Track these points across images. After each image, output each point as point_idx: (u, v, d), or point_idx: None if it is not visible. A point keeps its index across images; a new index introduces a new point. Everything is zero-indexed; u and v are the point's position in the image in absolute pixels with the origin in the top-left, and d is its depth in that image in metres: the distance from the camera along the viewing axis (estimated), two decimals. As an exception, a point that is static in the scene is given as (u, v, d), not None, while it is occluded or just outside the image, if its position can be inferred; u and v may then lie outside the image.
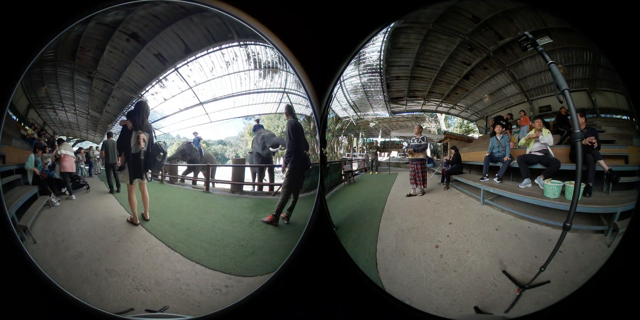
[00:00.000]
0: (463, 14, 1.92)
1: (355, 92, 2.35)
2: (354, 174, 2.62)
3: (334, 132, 2.52)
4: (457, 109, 2.26)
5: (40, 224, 1.79)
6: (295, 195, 2.00)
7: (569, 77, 1.71)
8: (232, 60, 2.02)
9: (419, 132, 2.38)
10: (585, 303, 1.54)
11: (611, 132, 1.78)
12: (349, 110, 2.45)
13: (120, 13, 1.83)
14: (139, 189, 1.75)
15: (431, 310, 1.66)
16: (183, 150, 2.12)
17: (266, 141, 2.15)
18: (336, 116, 2.38)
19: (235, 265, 1.83)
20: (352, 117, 2.51)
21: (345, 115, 2.46)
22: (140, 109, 1.66)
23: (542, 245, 1.70)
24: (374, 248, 1.93)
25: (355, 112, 2.49)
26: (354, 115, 2.50)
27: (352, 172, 2.62)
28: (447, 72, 2.17)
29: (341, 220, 2.02)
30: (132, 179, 1.66)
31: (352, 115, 2.49)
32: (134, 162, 1.61)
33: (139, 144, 1.59)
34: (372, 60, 2.22)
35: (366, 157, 2.72)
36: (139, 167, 1.64)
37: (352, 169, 2.65)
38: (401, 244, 1.94)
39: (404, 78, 2.27)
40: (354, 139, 2.71)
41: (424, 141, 2.39)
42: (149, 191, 1.97)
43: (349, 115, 2.48)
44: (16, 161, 1.87)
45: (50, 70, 1.85)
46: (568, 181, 1.75)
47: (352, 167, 2.67)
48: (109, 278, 1.73)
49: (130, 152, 1.60)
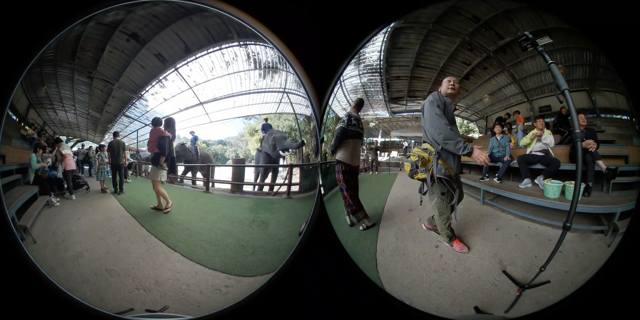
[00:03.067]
0: (463, 14, 1.92)
1: (355, 92, 2.34)
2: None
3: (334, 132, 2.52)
4: (457, 109, 2.26)
5: (40, 224, 1.79)
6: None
7: (569, 77, 1.71)
8: (232, 60, 2.03)
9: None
10: (585, 303, 1.54)
11: (611, 132, 1.78)
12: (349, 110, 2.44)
13: (120, 13, 1.83)
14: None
15: (431, 310, 1.66)
16: (177, 151, 2.14)
17: (277, 143, 2.15)
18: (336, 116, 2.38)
19: (235, 265, 1.83)
20: (352, 117, 2.50)
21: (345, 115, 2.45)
22: (174, 124, 1.97)
23: (542, 245, 1.70)
24: (374, 248, 1.93)
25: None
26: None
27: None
28: (447, 72, 2.17)
29: (341, 220, 2.03)
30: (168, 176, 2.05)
31: (352, 115, 2.49)
32: (171, 164, 2.01)
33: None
34: (372, 60, 2.22)
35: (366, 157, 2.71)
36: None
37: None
38: (401, 244, 1.94)
39: (404, 78, 2.27)
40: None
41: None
42: (148, 191, 2.05)
43: (349, 115, 2.48)
44: (16, 161, 1.87)
45: (50, 70, 1.85)
46: (568, 181, 1.75)
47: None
48: (109, 278, 1.74)
49: (171, 155, 1.97)
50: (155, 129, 1.98)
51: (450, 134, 1.58)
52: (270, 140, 2.17)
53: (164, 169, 2.03)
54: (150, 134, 2.03)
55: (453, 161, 1.69)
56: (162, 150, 1.98)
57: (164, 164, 2.00)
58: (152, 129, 2.00)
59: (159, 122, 1.98)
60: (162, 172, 2.03)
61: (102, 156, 2.11)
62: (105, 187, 2.14)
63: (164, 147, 1.98)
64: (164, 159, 1.99)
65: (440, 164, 1.56)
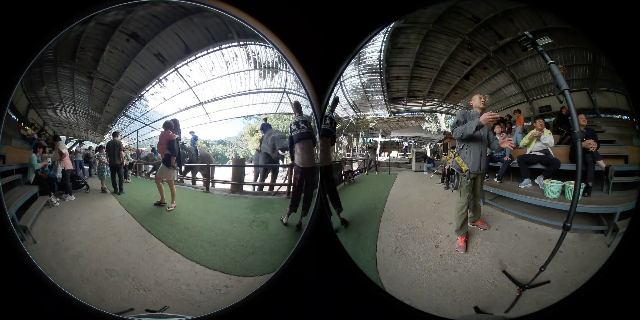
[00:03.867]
0: (463, 14, 1.92)
1: (355, 92, 2.35)
2: (354, 174, 2.62)
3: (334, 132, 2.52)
4: (457, 109, 2.26)
5: (40, 224, 1.79)
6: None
7: (569, 77, 1.71)
8: (232, 60, 2.03)
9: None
10: (585, 303, 1.54)
11: (611, 132, 1.78)
12: (349, 110, 2.45)
13: (120, 13, 1.83)
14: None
15: (431, 310, 1.66)
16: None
17: (276, 143, 2.15)
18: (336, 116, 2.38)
19: (235, 265, 1.83)
20: (352, 117, 2.50)
21: (345, 115, 2.46)
22: (179, 125, 2.06)
23: (542, 245, 1.70)
24: (374, 248, 1.93)
25: (355, 112, 2.49)
26: (354, 115, 2.50)
27: (352, 172, 2.62)
28: (447, 72, 2.17)
29: (341, 220, 2.03)
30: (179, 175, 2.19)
31: (352, 115, 2.49)
32: (179, 161, 2.12)
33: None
34: (372, 60, 2.22)
35: (366, 157, 2.72)
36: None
37: (352, 169, 2.65)
38: (401, 244, 1.94)
39: (404, 78, 2.27)
40: (354, 139, 2.71)
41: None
42: (148, 191, 2.07)
43: (349, 115, 2.48)
44: (16, 161, 1.87)
45: (50, 70, 1.85)
46: (568, 181, 1.75)
47: (352, 167, 2.67)
48: (109, 278, 1.74)
49: (180, 156, 2.09)
50: (166, 132, 2.04)
51: (457, 129, 1.85)
52: (270, 140, 2.17)
53: (175, 169, 2.12)
54: (160, 137, 2.08)
55: (470, 159, 1.88)
56: (172, 152, 2.08)
57: (175, 164, 2.10)
58: (163, 132, 2.05)
59: (170, 126, 2.04)
60: (174, 171, 2.12)
61: (101, 156, 2.12)
62: (105, 187, 2.14)
63: (174, 148, 2.08)
64: (174, 159, 2.09)
65: (455, 160, 1.88)
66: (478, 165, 1.88)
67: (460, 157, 1.87)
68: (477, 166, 1.88)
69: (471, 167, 1.87)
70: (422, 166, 2.59)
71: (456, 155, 1.87)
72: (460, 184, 1.88)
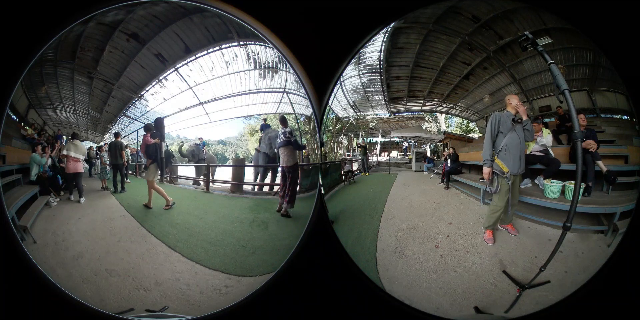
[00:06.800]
0: (463, 14, 1.92)
1: (355, 92, 2.35)
2: (354, 174, 2.62)
3: (334, 132, 2.52)
4: (457, 109, 2.26)
5: (40, 224, 1.79)
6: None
7: (569, 77, 1.71)
8: (232, 60, 2.02)
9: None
10: (585, 303, 1.54)
11: (611, 132, 1.78)
12: (349, 110, 2.45)
13: (120, 13, 1.83)
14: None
15: (431, 310, 1.66)
16: (193, 151, 2.19)
17: (272, 142, 2.16)
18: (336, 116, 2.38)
19: (235, 265, 1.83)
20: (352, 117, 2.50)
21: (345, 115, 2.46)
22: (162, 125, 2.08)
23: (542, 245, 1.70)
24: (374, 248, 1.93)
25: (355, 112, 2.49)
26: (354, 115, 2.50)
27: (352, 172, 2.62)
28: (447, 72, 2.17)
29: (341, 220, 2.03)
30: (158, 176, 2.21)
31: (352, 115, 2.49)
32: (160, 164, 2.16)
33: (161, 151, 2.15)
34: (372, 60, 2.22)
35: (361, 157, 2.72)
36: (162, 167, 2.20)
37: (352, 169, 2.65)
38: (401, 244, 1.94)
39: (404, 78, 2.27)
40: (354, 139, 2.71)
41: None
42: (148, 191, 2.09)
43: (349, 115, 2.48)
44: (16, 161, 1.87)
45: (50, 70, 1.85)
46: (568, 181, 1.75)
47: (352, 167, 2.67)
48: (109, 278, 1.74)
49: (160, 156, 2.13)
50: (145, 135, 2.10)
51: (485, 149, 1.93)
52: (267, 139, 2.17)
53: (156, 170, 2.16)
54: (142, 139, 2.14)
55: (510, 160, 1.88)
56: (149, 156, 2.14)
57: (152, 167, 2.14)
58: (143, 135, 2.11)
59: (149, 129, 2.08)
60: (155, 173, 2.16)
61: (103, 157, 2.13)
62: (106, 186, 2.14)
63: (150, 153, 2.13)
64: (150, 162, 2.14)
65: (496, 162, 1.89)
66: (518, 166, 1.87)
67: (499, 159, 1.87)
68: (517, 167, 1.86)
69: (511, 168, 1.85)
70: (422, 166, 2.59)
71: (495, 157, 1.87)
72: (501, 187, 1.85)
